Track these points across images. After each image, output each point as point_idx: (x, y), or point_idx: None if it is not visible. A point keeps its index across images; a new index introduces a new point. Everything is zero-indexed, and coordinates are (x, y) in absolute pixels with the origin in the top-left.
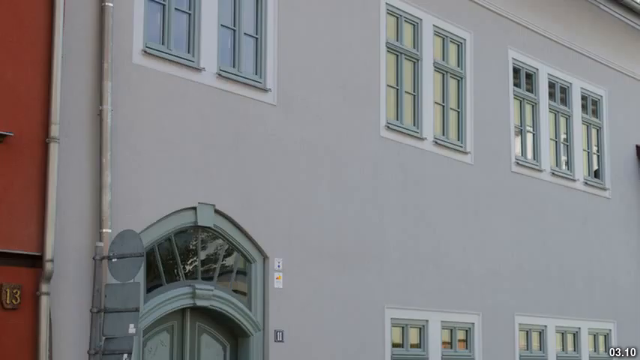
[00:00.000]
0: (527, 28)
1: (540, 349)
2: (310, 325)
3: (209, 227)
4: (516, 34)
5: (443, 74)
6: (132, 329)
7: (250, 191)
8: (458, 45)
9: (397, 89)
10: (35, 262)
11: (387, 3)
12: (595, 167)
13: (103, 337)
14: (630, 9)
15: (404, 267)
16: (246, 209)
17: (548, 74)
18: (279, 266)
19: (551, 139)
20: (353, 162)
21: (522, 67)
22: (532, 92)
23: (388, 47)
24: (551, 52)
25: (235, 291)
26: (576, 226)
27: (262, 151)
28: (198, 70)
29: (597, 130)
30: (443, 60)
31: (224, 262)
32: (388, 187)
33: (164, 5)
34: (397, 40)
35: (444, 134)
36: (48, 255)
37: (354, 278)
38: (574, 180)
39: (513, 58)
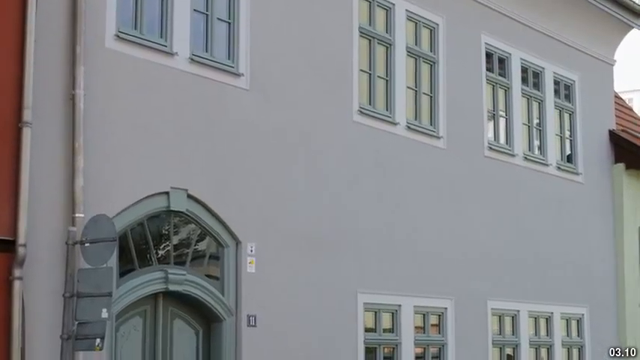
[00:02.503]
0: (501, 13)
1: (513, 334)
2: (283, 309)
3: (182, 212)
4: (489, 19)
5: (415, 59)
6: (104, 314)
7: (223, 176)
8: (430, 30)
9: (370, 74)
10: (8, 246)
11: None
12: (568, 152)
13: (76, 322)
14: None
15: (377, 252)
16: (219, 194)
17: (521, 59)
18: (251, 251)
19: (523, 123)
20: (326, 146)
21: (495, 52)
22: (505, 77)
23: (361, 32)
24: (524, 37)
25: (208, 276)
26: (549, 210)
27: (235, 135)
28: (171, 54)
29: (570, 115)
30: (416, 45)
31: (197, 246)
32: (361, 172)
33: None
34: (370, 25)
35: (416, 119)
36: (21, 239)
37: (327, 263)
38: (547, 165)
39: (486, 43)
